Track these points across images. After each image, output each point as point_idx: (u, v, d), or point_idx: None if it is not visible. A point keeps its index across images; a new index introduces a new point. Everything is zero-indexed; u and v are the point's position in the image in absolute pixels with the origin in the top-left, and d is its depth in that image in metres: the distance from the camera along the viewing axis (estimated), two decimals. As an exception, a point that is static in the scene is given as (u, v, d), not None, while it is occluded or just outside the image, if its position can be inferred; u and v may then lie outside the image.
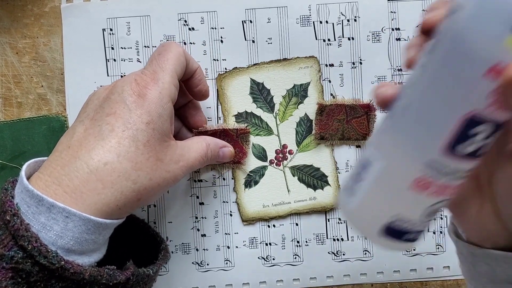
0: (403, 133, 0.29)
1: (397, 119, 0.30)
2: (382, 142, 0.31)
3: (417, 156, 0.29)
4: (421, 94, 0.29)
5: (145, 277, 0.39)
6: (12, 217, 0.34)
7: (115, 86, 0.40)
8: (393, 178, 0.30)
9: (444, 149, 0.28)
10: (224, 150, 0.46)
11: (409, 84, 0.30)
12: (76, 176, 0.36)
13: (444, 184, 0.29)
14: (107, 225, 0.37)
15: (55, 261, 0.34)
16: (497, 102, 0.27)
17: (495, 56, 0.26)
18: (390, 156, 0.30)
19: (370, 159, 0.31)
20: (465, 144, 0.28)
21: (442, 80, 0.28)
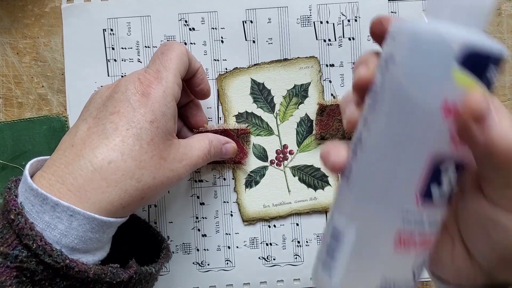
0: (370, 195, 0.28)
1: (358, 183, 0.29)
2: (348, 206, 0.29)
3: (391, 212, 0.27)
4: (379, 151, 0.28)
5: (147, 275, 0.39)
6: (16, 216, 0.34)
7: (119, 85, 0.40)
8: (372, 240, 0.28)
9: (418, 195, 0.27)
10: (226, 146, 0.46)
11: (360, 141, 0.29)
12: (80, 175, 0.36)
13: (426, 233, 0.28)
14: (111, 224, 0.37)
15: (59, 260, 0.34)
16: (456, 139, 0.26)
17: (446, 93, 0.26)
18: (361, 219, 0.28)
19: (340, 228, 0.29)
20: (436, 188, 0.27)
21: (398, 131, 0.27)
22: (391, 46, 0.28)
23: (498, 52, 0.26)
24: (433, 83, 0.26)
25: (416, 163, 0.27)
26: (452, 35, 0.25)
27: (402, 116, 0.27)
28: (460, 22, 0.26)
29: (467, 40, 0.25)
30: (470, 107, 0.25)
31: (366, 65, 0.30)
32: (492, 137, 0.25)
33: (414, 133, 0.26)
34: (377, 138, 0.28)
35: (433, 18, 0.27)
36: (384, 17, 0.30)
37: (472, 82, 0.25)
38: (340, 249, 0.29)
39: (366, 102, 0.29)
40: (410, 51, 0.26)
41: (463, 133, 0.26)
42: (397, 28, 0.28)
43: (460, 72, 0.25)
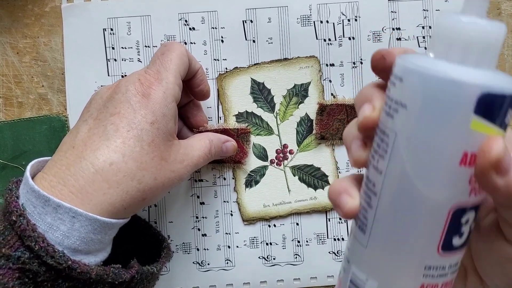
0: (391, 249, 0.27)
1: (377, 238, 0.27)
2: (366, 261, 0.28)
3: (414, 268, 0.26)
4: (397, 206, 0.26)
5: (149, 275, 0.39)
6: (18, 218, 0.34)
7: (119, 85, 0.40)
8: None
9: (440, 250, 0.26)
10: (227, 144, 0.46)
11: (375, 194, 0.27)
12: (82, 176, 0.36)
13: (448, 281, 0.27)
14: (113, 225, 0.37)
15: (62, 261, 0.34)
16: (476, 186, 0.25)
17: (465, 143, 0.24)
18: (382, 275, 0.27)
19: (359, 281, 0.28)
20: (457, 237, 0.26)
21: (417, 186, 0.25)
22: (400, 90, 0.26)
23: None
24: (451, 134, 0.24)
25: (437, 218, 0.26)
26: (467, 82, 0.23)
27: (418, 167, 0.25)
28: (472, 64, 0.25)
29: (484, 87, 0.23)
30: (490, 157, 0.23)
31: (371, 104, 0.28)
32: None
33: (433, 187, 0.25)
34: (392, 190, 0.26)
35: (441, 58, 0.25)
36: (386, 52, 0.29)
37: (490, 129, 0.24)
38: None
39: (374, 145, 0.27)
40: (422, 99, 0.24)
41: (484, 183, 0.25)
42: (404, 70, 0.25)
43: (478, 121, 0.24)
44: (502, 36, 0.25)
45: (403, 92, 0.25)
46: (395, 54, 0.28)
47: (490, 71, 0.25)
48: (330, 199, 0.29)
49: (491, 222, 0.29)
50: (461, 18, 0.25)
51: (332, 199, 0.29)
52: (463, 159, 0.24)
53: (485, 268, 0.30)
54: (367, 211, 0.27)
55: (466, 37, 0.24)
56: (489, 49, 0.25)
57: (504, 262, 0.28)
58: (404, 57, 0.26)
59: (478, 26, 0.24)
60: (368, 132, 0.28)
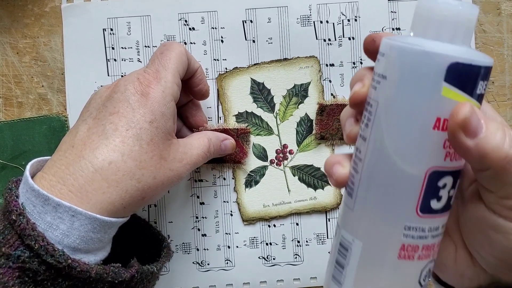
0: (373, 210, 0.29)
1: (360, 201, 0.29)
2: (352, 222, 0.30)
3: (394, 228, 0.28)
4: (377, 167, 0.28)
5: (149, 274, 0.39)
6: (18, 217, 0.34)
7: (118, 85, 0.40)
8: (377, 255, 0.29)
9: (418, 211, 0.28)
10: (225, 143, 0.46)
11: (360, 159, 0.29)
12: (81, 176, 0.36)
13: (429, 244, 0.29)
14: (112, 224, 0.37)
15: (62, 260, 0.34)
16: (452, 150, 0.27)
17: (437, 108, 0.26)
18: (366, 235, 0.29)
19: (347, 244, 0.30)
20: (435, 200, 0.28)
21: (394, 148, 0.28)
22: (382, 63, 0.29)
23: (484, 64, 0.27)
24: (424, 101, 0.27)
25: (413, 181, 0.28)
26: (438, 53, 0.26)
27: (396, 132, 0.28)
28: (446, 40, 0.27)
29: (452, 57, 0.26)
30: (458, 119, 0.25)
31: (361, 82, 0.30)
32: (484, 149, 0.26)
33: (409, 150, 0.27)
34: (374, 153, 0.29)
35: (419, 36, 0.28)
36: (376, 35, 0.31)
37: (460, 96, 0.26)
38: (347, 264, 0.30)
39: (362, 116, 0.30)
40: (399, 70, 0.27)
41: (456, 146, 0.26)
42: (387, 45, 0.28)
43: (449, 88, 0.26)
44: (474, 16, 0.28)
45: (385, 65, 0.28)
46: (383, 36, 0.30)
47: (462, 47, 0.27)
48: (325, 170, 0.32)
49: (473, 191, 0.30)
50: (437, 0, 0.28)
51: (326, 170, 0.32)
52: (436, 124, 0.27)
53: (472, 241, 0.31)
54: (354, 177, 0.30)
55: (440, 16, 0.27)
56: (462, 27, 0.28)
57: (488, 231, 0.29)
58: (388, 37, 0.29)
59: (451, 6, 0.27)
60: (358, 107, 0.31)
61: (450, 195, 0.29)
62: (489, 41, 0.50)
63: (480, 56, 0.27)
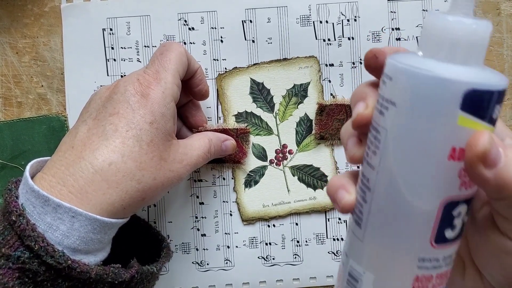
0: (385, 242, 0.27)
1: (371, 232, 0.28)
2: (363, 254, 0.29)
3: (408, 260, 0.27)
4: (389, 199, 0.27)
5: (149, 275, 0.39)
6: (18, 218, 0.34)
7: (118, 85, 0.40)
8: (393, 282, 0.28)
9: (433, 242, 0.27)
10: (226, 143, 0.46)
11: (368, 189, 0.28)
12: (81, 177, 0.36)
13: (443, 272, 0.28)
14: (112, 225, 0.37)
15: (62, 261, 0.34)
16: (467, 179, 0.26)
17: (452, 138, 0.25)
18: (378, 268, 0.28)
19: (356, 273, 0.29)
20: (450, 230, 0.27)
21: (407, 180, 0.26)
22: (390, 88, 0.27)
23: (500, 88, 0.25)
24: (438, 131, 0.25)
25: (428, 212, 0.26)
26: (453, 79, 0.24)
27: (408, 164, 0.26)
28: (459, 62, 0.25)
29: (468, 84, 0.24)
30: (477, 151, 0.24)
31: (364, 102, 0.29)
32: (504, 179, 0.25)
33: (423, 181, 0.26)
34: (385, 185, 0.27)
35: (430, 56, 0.26)
36: (378, 51, 0.30)
37: (477, 124, 0.25)
38: None
39: (368, 141, 0.28)
40: (410, 97, 0.25)
41: (473, 176, 0.25)
42: (394, 68, 0.26)
43: (465, 117, 0.24)
44: (488, 34, 0.26)
45: (393, 91, 0.26)
46: (387, 53, 0.29)
47: (477, 68, 0.25)
48: (328, 194, 0.30)
49: (486, 214, 0.29)
50: (448, 18, 0.26)
51: (330, 194, 0.30)
52: (451, 154, 0.25)
53: (482, 261, 0.30)
54: (362, 206, 0.28)
55: (452, 36, 0.25)
56: (476, 46, 0.25)
57: (500, 255, 0.29)
58: (394, 56, 0.27)
59: (464, 25, 0.25)
60: (362, 129, 0.29)
61: (464, 222, 0.27)
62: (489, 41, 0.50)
63: (495, 78, 0.25)
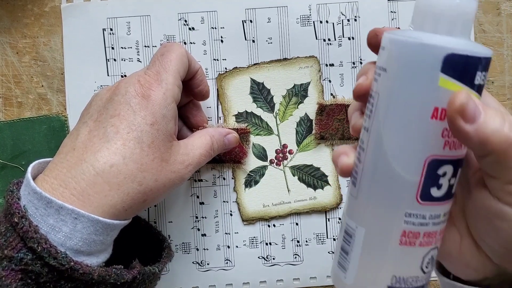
0: (375, 198, 0.30)
1: (363, 189, 0.30)
2: (356, 210, 0.31)
3: (395, 215, 0.29)
4: (377, 157, 0.29)
5: (151, 275, 0.39)
6: (20, 219, 0.34)
7: (118, 87, 0.40)
8: (379, 241, 0.30)
9: (419, 198, 0.29)
10: (228, 137, 0.46)
11: (363, 149, 0.30)
12: (83, 179, 0.36)
13: (431, 231, 0.29)
14: (115, 226, 0.37)
15: (64, 262, 0.34)
16: (450, 139, 0.28)
17: (434, 98, 0.27)
18: (368, 222, 0.30)
19: (351, 231, 0.31)
20: (436, 188, 0.29)
21: (392, 138, 0.29)
22: (383, 56, 0.29)
23: (481, 55, 0.27)
24: (421, 91, 0.27)
25: (413, 169, 0.28)
26: (434, 45, 0.27)
27: (394, 122, 0.28)
28: (443, 33, 0.28)
29: (448, 49, 0.27)
30: (455, 106, 0.26)
31: (365, 75, 0.31)
32: (484, 133, 0.26)
33: (407, 140, 0.28)
34: (374, 144, 0.29)
35: (418, 29, 0.29)
36: (378, 29, 0.32)
37: (457, 86, 0.27)
38: (352, 250, 0.31)
39: (366, 108, 0.31)
40: (398, 62, 0.28)
41: (456, 133, 0.27)
42: (387, 39, 0.29)
43: (445, 79, 0.27)
44: (472, 9, 0.28)
45: (385, 58, 0.29)
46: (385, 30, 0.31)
47: (460, 39, 0.28)
48: (332, 160, 0.33)
49: (478, 179, 0.30)
50: None
51: (333, 160, 0.33)
52: (434, 113, 0.27)
53: (477, 229, 0.31)
54: (357, 166, 0.31)
55: (437, 10, 0.28)
56: (459, 20, 0.28)
57: (493, 219, 0.29)
58: (389, 31, 0.30)
59: (448, 0, 0.28)
60: (362, 99, 0.32)
61: (451, 183, 0.29)
62: (489, 41, 0.50)
63: (477, 47, 0.28)
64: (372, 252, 0.30)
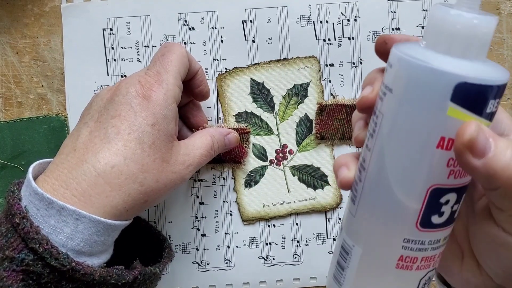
0: (373, 220, 0.29)
1: (362, 209, 0.29)
2: (353, 229, 0.30)
3: (393, 240, 0.28)
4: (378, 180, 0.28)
5: (151, 276, 0.39)
6: (22, 220, 0.34)
7: (119, 87, 0.40)
8: (375, 263, 0.29)
9: (418, 226, 0.28)
10: (229, 137, 0.46)
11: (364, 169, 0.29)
12: (84, 180, 0.36)
13: (429, 255, 0.29)
14: (116, 227, 0.37)
15: (66, 263, 0.34)
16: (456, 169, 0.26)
17: (441, 128, 0.25)
18: (365, 243, 0.29)
19: (348, 248, 0.30)
20: (437, 216, 0.27)
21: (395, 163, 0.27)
22: (389, 75, 0.27)
23: (496, 83, 0.25)
24: (428, 119, 0.26)
25: (414, 196, 0.27)
26: (445, 71, 0.25)
27: (398, 148, 0.27)
28: (457, 55, 0.26)
29: (460, 77, 0.24)
30: (463, 140, 0.24)
31: (371, 86, 0.30)
32: (493, 168, 0.25)
33: (410, 167, 0.27)
34: (376, 167, 0.28)
35: (430, 47, 0.27)
36: (388, 37, 0.31)
37: (467, 116, 0.25)
38: (347, 267, 0.30)
39: (369, 125, 0.29)
40: (405, 85, 0.26)
41: (462, 165, 0.26)
42: (395, 57, 0.27)
43: (455, 108, 0.25)
44: (491, 29, 0.26)
45: (391, 78, 0.27)
46: (396, 40, 0.30)
47: (475, 62, 0.26)
48: (333, 169, 0.32)
49: (483, 205, 0.30)
50: (450, 10, 0.26)
51: (334, 170, 0.32)
52: (440, 143, 0.26)
53: (480, 252, 0.31)
54: (357, 184, 0.30)
55: (452, 28, 0.26)
56: (476, 41, 0.26)
57: (497, 247, 0.29)
58: (398, 45, 0.28)
59: (465, 19, 0.26)
60: (366, 111, 0.31)
61: (454, 210, 0.28)
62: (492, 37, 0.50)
63: (493, 72, 0.25)
64: (368, 272, 0.30)
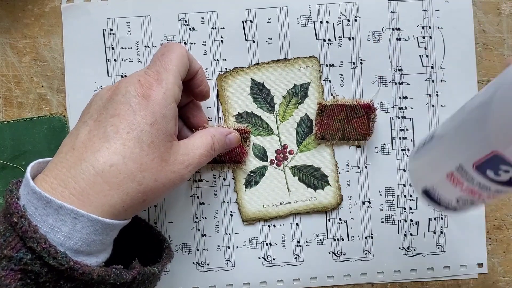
0: (457, 136, 0.32)
1: (456, 125, 0.33)
2: (444, 130, 0.34)
3: (453, 159, 0.32)
4: (466, 124, 0.31)
5: (150, 276, 0.39)
6: (20, 219, 0.34)
7: (119, 87, 0.39)
8: (438, 160, 0.34)
9: (474, 165, 0.31)
10: (230, 137, 0.46)
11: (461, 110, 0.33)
12: (83, 178, 0.36)
13: (473, 188, 0.32)
14: (114, 226, 0.37)
15: (64, 262, 0.34)
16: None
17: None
18: (443, 144, 0.34)
19: (434, 136, 0.35)
20: (492, 172, 0.30)
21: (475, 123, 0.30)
22: None
23: None
24: None
25: (482, 149, 0.30)
26: None
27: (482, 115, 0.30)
28: None
29: None
30: None
31: None
32: None
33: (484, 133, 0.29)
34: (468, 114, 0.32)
35: None
36: None
37: None
38: (426, 146, 0.36)
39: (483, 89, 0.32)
40: None
41: None
42: None
43: None
44: None
45: None
46: None
47: None
48: None
49: None
50: None
51: None
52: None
53: None
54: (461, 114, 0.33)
55: None
56: None
57: None
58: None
59: None
60: None
61: (507, 178, 0.30)
62: (489, 41, 0.50)
63: None
64: (431, 160, 0.35)
